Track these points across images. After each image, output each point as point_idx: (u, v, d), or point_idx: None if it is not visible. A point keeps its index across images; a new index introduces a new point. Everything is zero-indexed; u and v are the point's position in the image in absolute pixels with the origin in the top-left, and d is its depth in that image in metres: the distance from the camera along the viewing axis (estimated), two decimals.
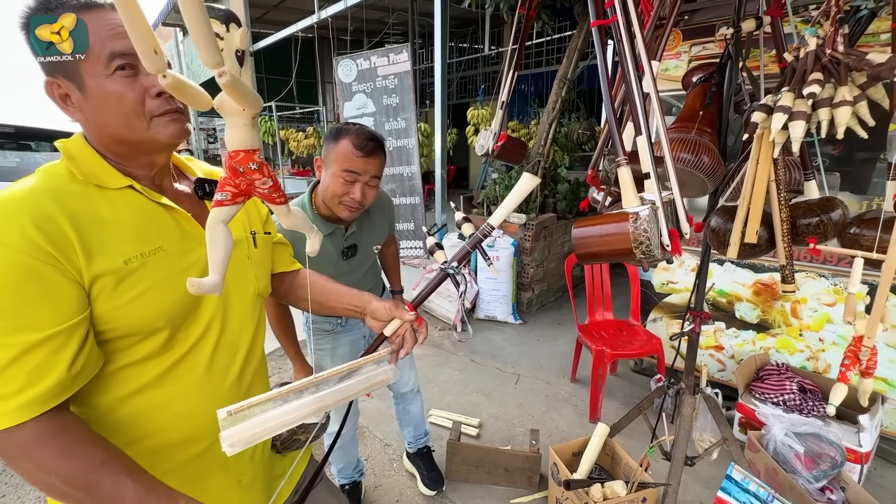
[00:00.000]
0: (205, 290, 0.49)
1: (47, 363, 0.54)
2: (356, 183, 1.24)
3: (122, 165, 0.66)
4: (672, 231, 0.73)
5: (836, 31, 0.84)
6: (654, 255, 0.67)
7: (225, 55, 0.41)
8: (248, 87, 0.40)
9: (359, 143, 1.22)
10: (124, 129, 0.62)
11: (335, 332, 1.52)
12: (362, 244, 1.45)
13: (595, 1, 0.78)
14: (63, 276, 0.55)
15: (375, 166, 1.26)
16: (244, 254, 0.79)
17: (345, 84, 3.31)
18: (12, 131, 3.10)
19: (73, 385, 0.57)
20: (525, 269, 3.70)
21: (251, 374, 0.79)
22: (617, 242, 0.70)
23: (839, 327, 2.01)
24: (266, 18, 8.15)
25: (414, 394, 1.84)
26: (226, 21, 0.40)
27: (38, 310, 0.53)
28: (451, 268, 0.86)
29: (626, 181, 0.73)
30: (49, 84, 0.60)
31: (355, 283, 1.44)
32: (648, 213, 0.67)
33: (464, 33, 8.44)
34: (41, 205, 0.55)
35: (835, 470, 1.63)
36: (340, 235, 1.37)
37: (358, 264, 1.46)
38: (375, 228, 1.50)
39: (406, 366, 1.77)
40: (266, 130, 7.71)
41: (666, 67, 2.23)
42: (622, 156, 0.73)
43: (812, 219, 1.07)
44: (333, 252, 1.36)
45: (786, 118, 0.86)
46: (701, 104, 1.29)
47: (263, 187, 0.47)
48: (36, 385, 0.53)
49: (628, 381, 2.73)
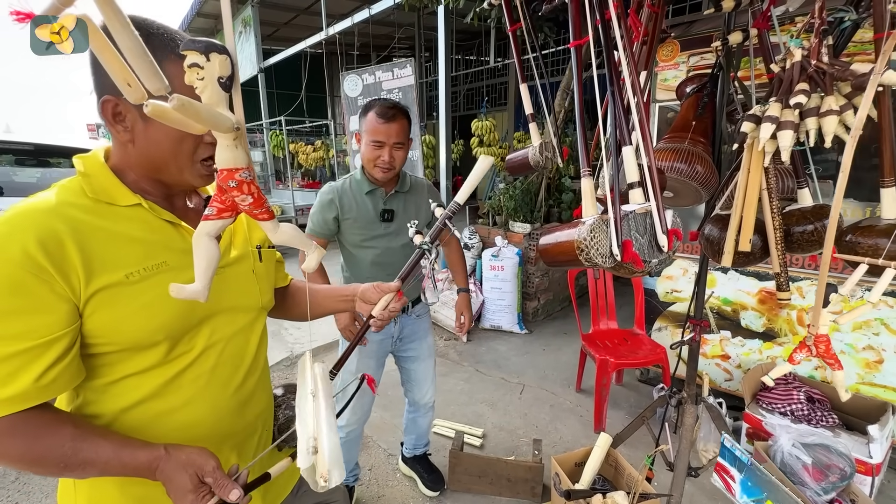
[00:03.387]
0: (185, 294, 0.52)
1: (17, 371, 0.56)
2: (384, 147, 1.46)
3: (135, 182, 0.68)
4: (671, 231, 0.75)
5: (821, 43, 0.86)
6: (596, 263, 0.73)
7: (207, 83, 0.44)
8: (209, 110, 0.43)
9: (381, 112, 1.44)
10: (171, 165, 0.65)
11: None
12: (399, 213, 1.58)
13: (574, 24, 0.81)
14: (52, 293, 0.57)
15: (397, 131, 1.46)
16: (249, 268, 0.81)
17: (351, 98, 3.39)
18: (31, 148, 3.21)
19: (41, 395, 0.58)
20: (530, 278, 3.70)
21: (253, 385, 0.81)
22: (566, 249, 0.77)
23: (847, 335, 1.98)
24: (277, 36, 8.36)
25: (428, 408, 1.86)
26: (205, 52, 0.44)
27: (21, 322, 0.56)
28: (424, 244, 0.94)
29: (586, 192, 0.79)
30: (105, 102, 0.62)
31: (393, 252, 1.56)
32: (593, 223, 0.73)
33: (470, 46, 8.56)
34: (48, 222, 0.58)
35: (844, 482, 1.59)
36: (381, 197, 1.56)
37: (394, 233, 1.57)
38: (413, 205, 1.62)
39: (427, 379, 1.81)
40: (276, 144, 7.85)
41: (665, 78, 2.25)
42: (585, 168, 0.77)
43: (806, 226, 1.08)
44: (372, 210, 1.55)
45: (774, 128, 0.88)
46: (694, 114, 1.31)
47: (243, 204, 0.50)
48: (2, 389, 0.55)
49: (634, 390, 2.71)
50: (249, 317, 0.80)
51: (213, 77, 0.44)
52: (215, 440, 0.74)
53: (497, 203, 3.99)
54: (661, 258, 0.73)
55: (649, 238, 0.74)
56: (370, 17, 4.30)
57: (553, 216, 3.93)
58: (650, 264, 0.72)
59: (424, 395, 1.81)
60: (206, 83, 0.45)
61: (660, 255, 0.73)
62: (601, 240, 0.71)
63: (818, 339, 0.86)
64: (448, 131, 3.90)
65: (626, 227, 0.70)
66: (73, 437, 0.59)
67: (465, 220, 5.18)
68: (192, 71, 0.45)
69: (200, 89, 0.46)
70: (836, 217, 0.79)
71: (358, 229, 1.54)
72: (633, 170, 0.74)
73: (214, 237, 0.54)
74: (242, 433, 0.79)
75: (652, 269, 0.72)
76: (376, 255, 1.56)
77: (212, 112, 0.42)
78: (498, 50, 7.04)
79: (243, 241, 0.81)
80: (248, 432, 0.81)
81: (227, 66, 0.44)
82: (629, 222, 0.71)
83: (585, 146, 0.81)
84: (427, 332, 1.77)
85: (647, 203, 0.71)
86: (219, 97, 0.46)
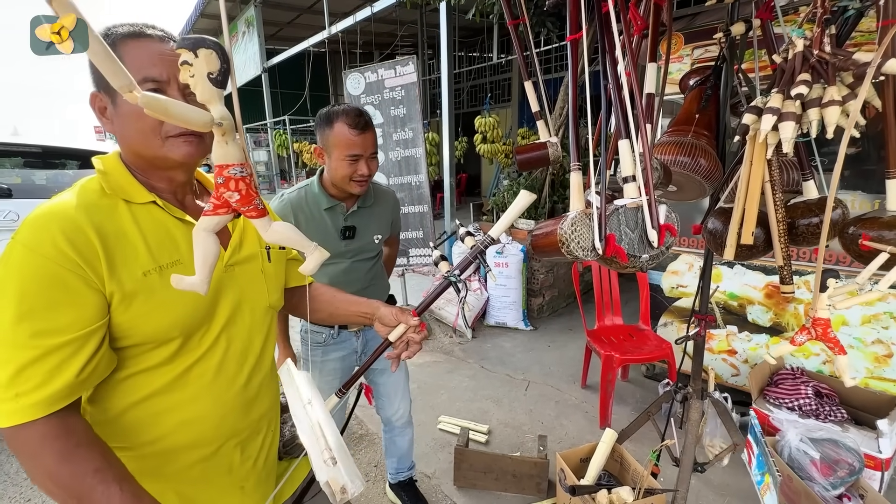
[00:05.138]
0: (185, 285, 0.53)
1: (61, 366, 0.57)
2: (360, 160, 1.34)
3: (145, 179, 0.70)
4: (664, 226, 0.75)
5: (823, 32, 0.85)
6: (576, 256, 0.74)
7: (197, 80, 0.44)
8: (177, 107, 0.43)
9: (353, 122, 1.30)
10: (142, 145, 0.67)
11: (326, 344, 1.51)
12: (361, 229, 1.48)
13: (571, 19, 0.81)
14: (87, 286, 0.59)
15: (373, 140, 1.35)
16: (258, 268, 0.82)
17: (353, 97, 3.39)
18: (39, 151, 3.25)
19: (80, 388, 0.60)
20: (535, 274, 3.69)
21: (258, 383, 0.82)
22: (550, 241, 0.79)
23: (855, 329, 1.96)
24: (280, 35, 8.39)
25: (404, 426, 1.73)
26: (193, 48, 0.44)
27: (62, 315, 0.57)
28: (453, 276, 0.89)
29: (574, 186, 0.79)
30: (93, 96, 0.68)
31: (355, 270, 1.48)
32: (574, 216, 0.75)
33: (473, 42, 8.53)
34: (73, 218, 0.60)
35: (853, 477, 1.58)
36: (341, 213, 1.44)
37: (357, 250, 1.49)
38: (376, 218, 1.52)
39: (398, 394, 1.68)
40: (280, 143, 7.89)
41: (669, 71, 2.22)
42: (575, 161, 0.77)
43: (812, 219, 1.07)
44: (332, 229, 1.44)
45: (775, 119, 0.87)
46: (697, 107, 1.30)
47: (231, 200, 0.50)
48: (48, 386, 0.57)
49: (640, 386, 2.70)
50: (256, 315, 0.80)
51: (203, 73, 0.44)
52: (219, 437, 0.75)
53: (501, 199, 3.99)
54: (652, 254, 0.73)
55: (640, 233, 0.73)
56: (372, 14, 4.30)
57: (557, 212, 3.91)
58: (640, 259, 0.71)
59: (396, 412, 1.68)
60: (196, 80, 0.45)
61: (650, 251, 0.72)
62: (583, 233, 0.72)
63: (816, 321, 0.86)
64: (451, 128, 3.89)
65: (615, 221, 0.70)
66: (95, 471, 0.58)
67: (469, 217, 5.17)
68: (184, 69, 0.46)
69: (192, 86, 0.47)
70: (830, 205, 0.79)
71: None
72: (628, 164, 0.73)
73: (212, 232, 0.55)
74: (246, 431, 0.80)
75: (642, 264, 0.72)
76: (335, 273, 1.46)
77: (180, 108, 0.43)
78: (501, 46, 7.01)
79: (255, 240, 0.82)
80: (252, 431, 0.81)
81: (213, 60, 0.44)
82: (619, 216, 0.71)
83: (577, 140, 0.81)
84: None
85: (639, 198, 0.71)
86: (210, 93, 0.46)
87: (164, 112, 0.42)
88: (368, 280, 1.55)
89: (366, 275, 1.53)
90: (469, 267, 0.91)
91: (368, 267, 1.54)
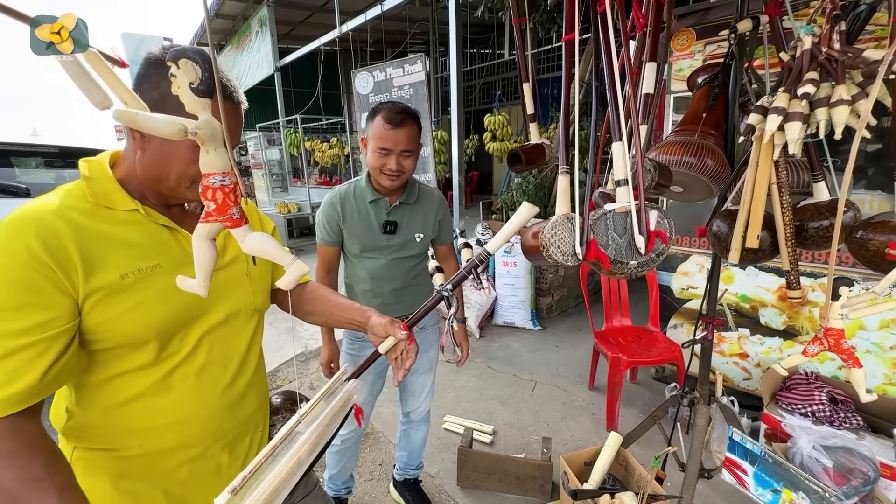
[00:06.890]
0: (187, 287, 0.55)
1: (24, 367, 0.57)
2: (391, 155, 1.36)
3: (138, 190, 0.71)
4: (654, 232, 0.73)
5: (832, 29, 0.82)
6: (556, 260, 0.74)
7: (182, 91, 0.45)
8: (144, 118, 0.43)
9: (388, 117, 1.33)
10: (170, 181, 0.68)
11: (364, 339, 1.53)
12: (402, 225, 1.50)
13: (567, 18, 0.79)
14: (56, 289, 0.59)
15: (406, 137, 1.36)
16: (243, 271, 0.82)
17: (362, 96, 3.40)
18: (57, 151, 3.34)
19: (42, 392, 0.59)
20: (544, 274, 3.66)
21: (244, 385, 0.82)
22: (534, 245, 0.79)
23: (872, 334, 1.89)
24: (292, 34, 8.45)
25: (421, 421, 1.76)
26: (175, 59, 0.44)
27: (29, 317, 0.57)
28: (445, 290, 0.88)
29: (561, 189, 0.79)
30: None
31: (395, 267, 1.50)
32: (556, 220, 0.75)
33: (485, 39, 8.48)
34: (49, 222, 0.61)
35: (867, 486, 1.53)
36: (384, 207, 1.48)
37: (398, 246, 1.50)
38: (419, 216, 1.53)
39: (424, 391, 1.71)
40: (291, 142, 7.96)
41: (680, 68, 2.18)
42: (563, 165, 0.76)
43: (822, 221, 1.03)
44: (375, 222, 1.47)
45: (780, 119, 0.84)
46: (705, 105, 1.26)
47: (209, 209, 0.51)
48: (8, 387, 0.56)
49: (649, 388, 2.65)
50: (241, 319, 0.81)
51: (185, 84, 0.45)
52: (205, 439, 0.76)
53: (510, 198, 3.96)
54: (641, 261, 0.71)
55: (629, 238, 0.71)
56: (382, 13, 4.30)
57: None
58: (627, 266, 0.70)
59: (419, 407, 1.72)
60: (181, 91, 0.45)
61: (639, 258, 0.70)
62: (564, 237, 0.71)
63: (828, 331, 0.83)
64: (461, 127, 3.87)
65: (602, 226, 0.68)
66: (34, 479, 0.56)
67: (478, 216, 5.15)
68: (173, 80, 0.46)
69: (180, 98, 0.47)
70: (841, 210, 0.75)
71: (357, 239, 1.47)
72: (620, 167, 0.72)
73: (206, 238, 0.55)
74: (234, 432, 0.80)
75: (631, 270, 0.70)
76: (376, 268, 1.49)
77: (147, 119, 0.43)
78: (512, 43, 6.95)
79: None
80: (239, 432, 0.82)
81: (191, 70, 0.44)
82: (606, 221, 0.69)
83: (566, 143, 0.79)
84: (431, 346, 1.68)
85: (627, 203, 0.69)
86: (194, 103, 0.46)
87: (133, 123, 0.42)
88: (410, 279, 1.55)
89: (407, 273, 1.53)
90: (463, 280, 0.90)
91: (410, 266, 1.54)
